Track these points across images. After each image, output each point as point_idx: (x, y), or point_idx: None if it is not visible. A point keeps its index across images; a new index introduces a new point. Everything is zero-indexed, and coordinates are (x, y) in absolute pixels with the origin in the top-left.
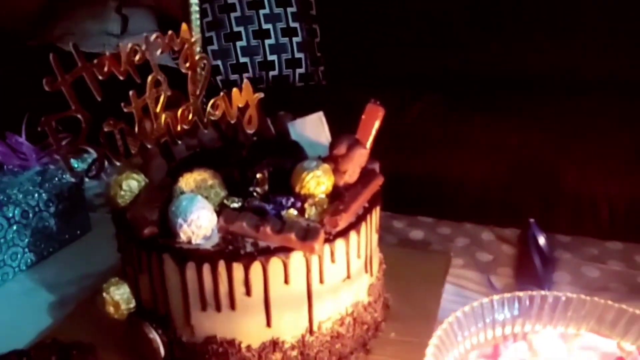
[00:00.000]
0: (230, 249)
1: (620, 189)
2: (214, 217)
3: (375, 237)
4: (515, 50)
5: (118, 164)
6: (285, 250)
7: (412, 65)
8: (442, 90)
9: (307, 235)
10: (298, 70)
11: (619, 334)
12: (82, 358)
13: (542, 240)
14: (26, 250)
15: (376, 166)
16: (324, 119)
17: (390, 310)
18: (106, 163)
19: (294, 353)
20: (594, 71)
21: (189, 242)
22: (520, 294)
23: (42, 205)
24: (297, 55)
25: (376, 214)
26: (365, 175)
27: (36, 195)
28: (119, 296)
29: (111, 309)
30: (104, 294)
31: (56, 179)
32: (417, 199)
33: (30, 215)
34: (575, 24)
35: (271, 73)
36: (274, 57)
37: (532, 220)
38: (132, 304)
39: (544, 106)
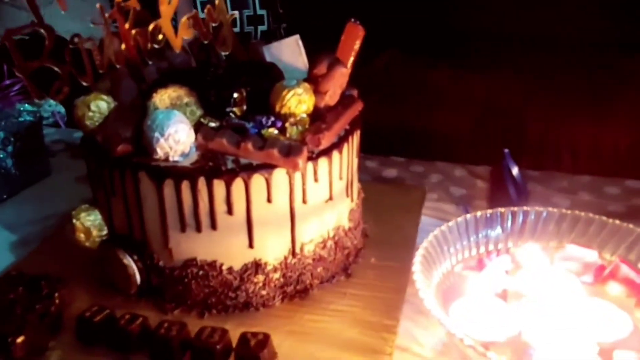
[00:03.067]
0: (211, 166)
1: (582, 132)
2: (192, 132)
3: (355, 160)
4: (482, 5)
5: (85, 84)
6: (268, 167)
7: (376, 21)
8: (407, 44)
9: (290, 151)
10: (260, 27)
11: (599, 245)
12: (51, 288)
13: (515, 170)
14: None
15: (354, 92)
16: (300, 43)
17: (369, 239)
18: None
19: (277, 275)
20: (557, 29)
21: (166, 158)
22: (502, 209)
23: None
24: (259, 12)
25: (357, 137)
26: (345, 99)
27: None
28: (90, 222)
29: (82, 237)
30: (74, 221)
31: (13, 118)
32: (387, 145)
33: None
34: None
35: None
36: (235, 13)
37: (506, 150)
38: (104, 231)
39: (508, 60)
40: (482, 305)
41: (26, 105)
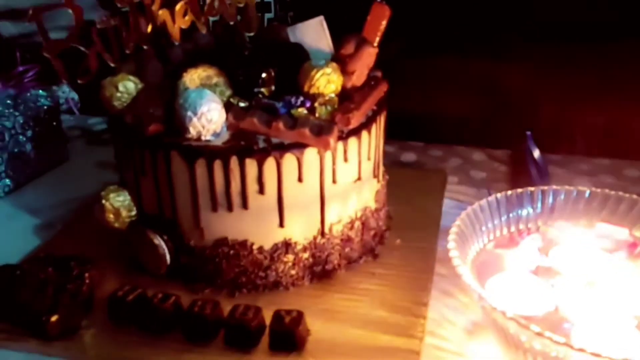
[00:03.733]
0: (243, 145)
1: (595, 115)
2: (224, 112)
3: (382, 141)
4: None
5: (111, 64)
6: (299, 146)
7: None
8: (417, 31)
9: (321, 130)
10: (267, 15)
11: (630, 222)
12: (81, 268)
13: (537, 153)
14: (3, 175)
15: (379, 74)
16: (324, 24)
17: (394, 221)
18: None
19: (306, 255)
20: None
21: (199, 138)
22: (533, 189)
23: (18, 128)
24: None
25: (384, 117)
26: (371, 80)
27: (12, 118)
28: (120, 203)
29: (111, 217)
30: (103, 202)
31: (31, 103)
32: (404, 130)
33: (6, 137)
34: None
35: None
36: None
37: (528, 132)
38: (134, 212)
39: (521, 45)
40: (517, 282)
41: (40, 91)
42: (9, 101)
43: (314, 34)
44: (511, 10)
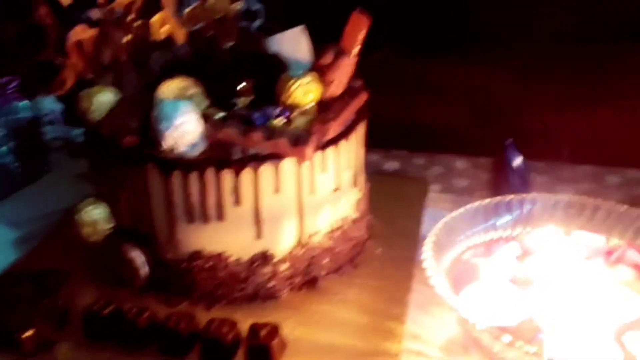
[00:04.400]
0: (219, 156)
1: (580, 123)
2: (201, 123)
3: (362, 150)
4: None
5: (88, 77)
6: (277, 157)
7: (372, 16)
8: (402, 39)
9: (298, 141)
10: (255, 23)
11: (607, 231)
12: (57, 283)
13: (518, 161)
14: None
15: (359, 83)
16: (305, 33)
17: (374, 230)
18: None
19: (285, 266)
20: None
21: (174, 150)
22: (511, 197)
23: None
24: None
25: (363, 126)
26: (350, 90)
27: None
28: (97, 215)
29: (88, 230)
30: (80, 214)
31: (12, 114)
32: (387, 138)
33: None
34: None
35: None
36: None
37: (508, 140)
38: (110, 224)
39: (505, 53)
40: (492, 291)
41: (20, 103)
42: None
43: (293, 43)
44: (493, 17)
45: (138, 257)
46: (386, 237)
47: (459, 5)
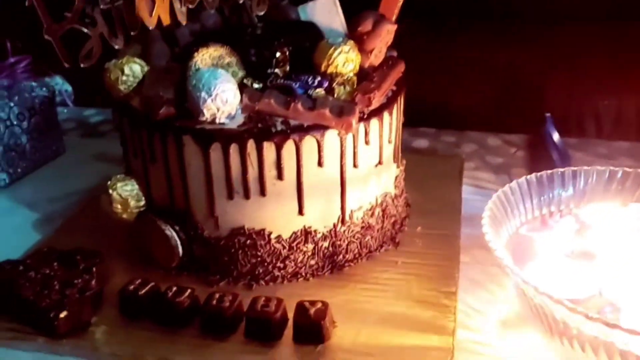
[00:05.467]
0: (261, 127)
1: (605, 99)
2: (238, 93)
3: (401, 124)
4: None
5: (116, 47)
6: (320, 128)
7: None
8: (423, 15)
9: (342, 111)
10: None
11: None
12: (88, 262)
13: (556, 136)
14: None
15: (394, 53)
16: (337, 2)
17: (412, 208)
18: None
19: (326, 244)
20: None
21: (213, 120)
22: (564, 169)
23: (14, 119)
24: None
25: (403, 98)
26: (388, 59)
27: (6, 108)
28: (127, 193)
29: (119, 208)
30: (110, 192)
31: (26, 93)
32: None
33: (1, 128)
34: None
35: None
36: None
37: (548, 115)
38: (142, 202)
39: (530, 31)
40: (555, 266)
41: (33, 83)
42: (3, 91)
43: (326, 12)
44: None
45: (174, 235)
46: (426, 214)
47: None
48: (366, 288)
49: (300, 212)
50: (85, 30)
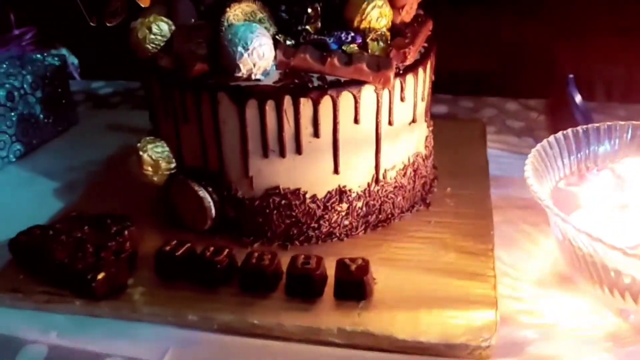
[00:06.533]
0: (297, 83)
1: (613, 66)
2: (274, 48)
3: (431, 82)
4: None
5: (143, 5)
6: (356, 83)
7: None
8: None
9: (379, 66)
10: None
11: None
12: (119, 226)
13: (578, 98)
14: (14, 138)
15: (422, 11)
16: None
17: (440, 170)
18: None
19: (360, 204)
20: None
21: (248, 76)
22: (602, 124)
23: (27, 88)
24: None
25: (434, 56)
26: (417, 16)
27: (20, 77)
28: (159, 154)
29: (149, 170)
30: (141, 153)
31: (38, 62)
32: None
33: (16, 97)
34: None
35: None
36: None
37: (570, 76)
38: (173, 164)
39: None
40: (598, 217)
41: (44, 53)
42: (15, 60)
43: None
44: None
45: (207, 196)
46: (454, 176)
47: None
48: (401, 247)
49: (336, 170)
50: None
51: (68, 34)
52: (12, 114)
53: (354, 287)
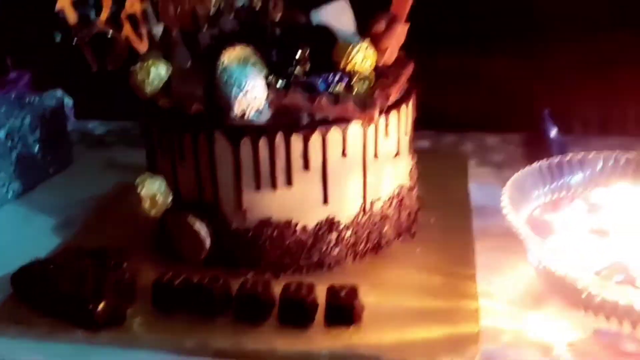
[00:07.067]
0: (288, 121)
1: (590, 102)
2: (266, 89)
3: (413, 118)
4: None
5: (142, 50)
6: (343, 121)
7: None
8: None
9: (365, 104)
10: None
11: None
12: (118, 258)
13: (554, 131)
14: (12, 177)
15: (403, 53)
16: (348, 5)
17: (423, 201)
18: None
19: (348, 233)
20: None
21: (242, 116)
22: (574, 155)
23: (27, 128)
24: None
25: (415, 94)
26: (398, 60)
27: (19, 118)
28: (156, 190)
29: (147, 205)
30: (139, 189)
31: (37, 103)
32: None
33: (15, 138)
34: None
35: None
36: None
37: (546, 110)
38: (170, 198)
39: (513, 42)
40: (570, 241)
41: (42, 95)
42: (15, 102)
43: (337, 15)
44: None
45: (202, 229)
46: (436, 207)
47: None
48: (389, 273)
49: (325, 201)
50: (109, 32)
51: (63, 76)
52: (12, 153)
53: (344, 311)
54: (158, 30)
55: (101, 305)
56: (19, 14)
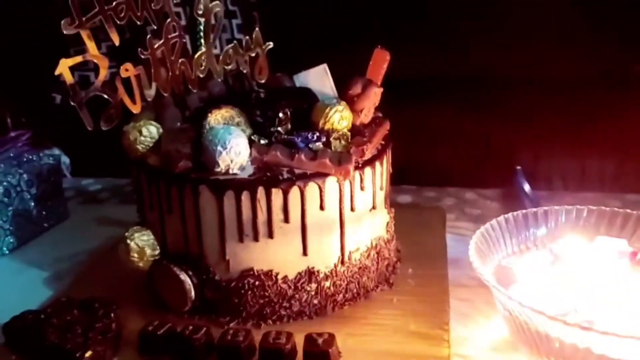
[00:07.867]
0: (269, 176)
1: (569, 158)
2: (248, 147)
3: (389, 174)
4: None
5: (135, 111)
6: (321, 175)
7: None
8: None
9: (341, 160)
10: (234, 21)
11: (627, 234)
12: (106, 308)
13: (527, 187)
14: (8, 232)
15: (379, 114)
16: (328, 71)
17: (402, 253)
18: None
19: (327, 284)
20: (535, 69)
21: (227, 171)
22: (538, 209)
23: (24, 185)
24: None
25: (390, 151)
26: (375, 118)
27: (17, 175)
28: (144, 242)
29: (136, 257)
30: (129, 242)
31: (35, 161)
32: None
33: (12, 194)
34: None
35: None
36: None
37: (518, 167)
38: (157, 250)
39: (495, 99)
40: (533, 288)
41: (40, 153)
42: (13, 160)
43: (318, 79)
44: (481, 68)
45: (187, 280)
46: (415, 258)
47: (441, 57)
48: (366, 324)
49: (305, 252)
50: (106, 97)
51: (60, 135)
52: (8, 209)
53: (321, 359)
54: (150, 93)
55: (87, 354)
56: (20, 75)
